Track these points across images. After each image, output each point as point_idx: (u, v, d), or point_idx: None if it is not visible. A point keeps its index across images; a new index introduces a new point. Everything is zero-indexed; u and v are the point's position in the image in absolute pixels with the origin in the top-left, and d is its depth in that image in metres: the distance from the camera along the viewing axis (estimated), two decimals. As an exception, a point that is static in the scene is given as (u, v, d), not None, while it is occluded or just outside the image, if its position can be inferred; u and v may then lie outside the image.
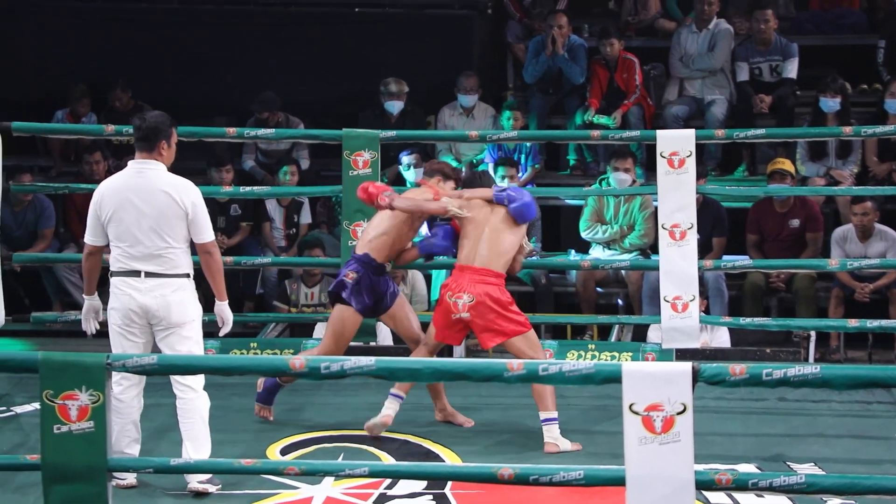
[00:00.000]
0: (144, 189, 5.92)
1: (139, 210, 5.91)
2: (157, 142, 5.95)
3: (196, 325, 6.00)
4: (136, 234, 5.92)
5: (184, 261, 5.98)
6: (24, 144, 9.99)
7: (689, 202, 7.55)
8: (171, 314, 5.93)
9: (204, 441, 5.96)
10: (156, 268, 5.93)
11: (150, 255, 5.93)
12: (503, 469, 4.99)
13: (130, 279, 5.95)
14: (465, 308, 6.73)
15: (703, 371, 4.81)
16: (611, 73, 10.20)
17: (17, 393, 7.26)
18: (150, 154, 5.96)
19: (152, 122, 5.98)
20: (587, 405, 7.20)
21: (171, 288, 5.94)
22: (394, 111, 10.01)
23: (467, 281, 6.75)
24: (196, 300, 6.04)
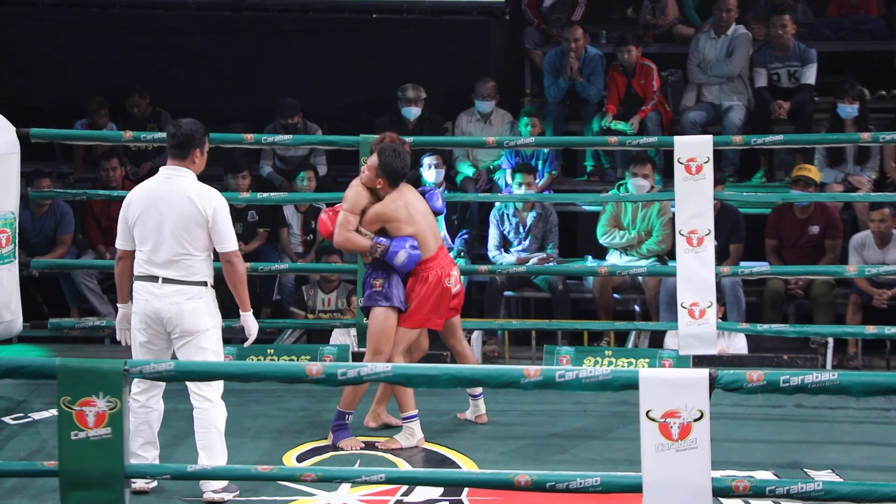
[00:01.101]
0: (170, 194, 5.95)
1: (162, 214, 5.94)
2: (191, 150, 6.00)
3: (212, 335, 5.98)
4: (157, 239, 5.94)
5: (202, 269, 5.97)
6: (44, 151, 10.03)
7: (707, 208, 7.53)
8: (185, 322, 5.93)
9: (219, 451, 5.95)
10: (173, 274, 5.93)
11: (170, 261, 5.93)
12: (520, 475, 4.98)
13: (149, 284, 5.97)
14: (457, 282, 6.88)
15: (721, 378, 4.80)
16: (628, 80, 10.19)
17: (34, 399, 7.27)
18: (183, 161, 6.00)
19: (187, 129, 6.00)
20: (604, 412, 7.19)
21: (186, 296, 5.94)
22: (411, 117, 10.02)
23: (446, 260, 6.84)
24: (213, 310, 6.02)
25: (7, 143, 7.25)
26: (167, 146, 6.04)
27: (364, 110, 10.43)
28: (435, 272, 6.77)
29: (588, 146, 10.16)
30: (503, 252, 9.47)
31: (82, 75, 10.73)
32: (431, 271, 6.76)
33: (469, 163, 10.17)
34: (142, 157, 10.46)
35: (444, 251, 6.88)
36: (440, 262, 6.80)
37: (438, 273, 6.77)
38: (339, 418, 6.72)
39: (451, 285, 6.82)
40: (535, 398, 7.19)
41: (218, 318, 6.05)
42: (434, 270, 6.77)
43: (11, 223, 7.26)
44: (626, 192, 9.12)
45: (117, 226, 6.09)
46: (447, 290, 6.80)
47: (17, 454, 6.54)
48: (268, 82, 10.63)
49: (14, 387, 7.36)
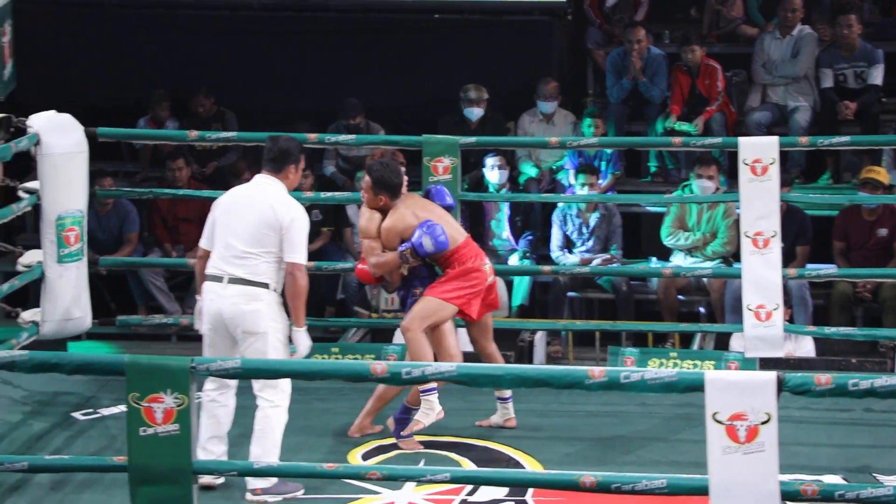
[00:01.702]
0: (253, 199, 6.06)
1: (241, 216, 6.03)
2: (286, 165, 6.11)
3: (272, 338, 5.98)
4: (230, 239, 6.02)
5: (268, 272, 6.00)
6: (111, 150, 10.13)
7: (773, 210, 7.48)
8: (245, 323, 5.96)
9: (270, 453, 5.95)
10: (239, 273, 5.98)
11: (237, 259, 5.99)
12: (585, 476, 4.97)
13: (216, 284, 6.03)
14: (493, 272, 6.82)
15: (788, 380, 4.77)
16: (692, 80, 10.14)
17: (103, 395, 7.35)
18: (277, 175, 6.11)
19: (283, 144, 6.12)
20: (669, 414, 7.15)
21: (247, 297, 5.97)
22: (473, 118, 10.02)
23: (477, 249, 6.79)
24: (275, 312, 6.02)
25: (75, 142, 7.33)
26: (263, 159, 6.14)
27: (426, 111, 10.45)
28: (467, 257, 6.69)
29: (652, 147, 10.12)
30: (566, 253, 9.45)
31: (147, 75, 10.81)
32: (467, 256, 6.68)
33: (532, 163, 10.16)
34: (207, 157, 10.53)
35: (473, 242, 6.79)
36: (472, 249, 6.72)
37: (472, 256, 6.69)
38: (404, 412, 6.72)
39: (486, 271, 6.72)
40: (599, 399, 7.17)
41: (281, 321, 6.06)
42: (466, 255, 6.68)
43: (80, 221, 7.34)
44: (691, 193, 9.07)
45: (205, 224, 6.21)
46: (482, 273, 6.70)
47: (86, 449, 6.61)
48: (330, 82, 10.67)
49: (84, 383, 7.43)
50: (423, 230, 6.58)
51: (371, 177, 6.64)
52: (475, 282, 6.70)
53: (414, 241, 6.58)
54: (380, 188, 6.62)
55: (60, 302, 7.32)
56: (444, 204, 6.87)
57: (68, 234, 7.30)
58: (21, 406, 7.23)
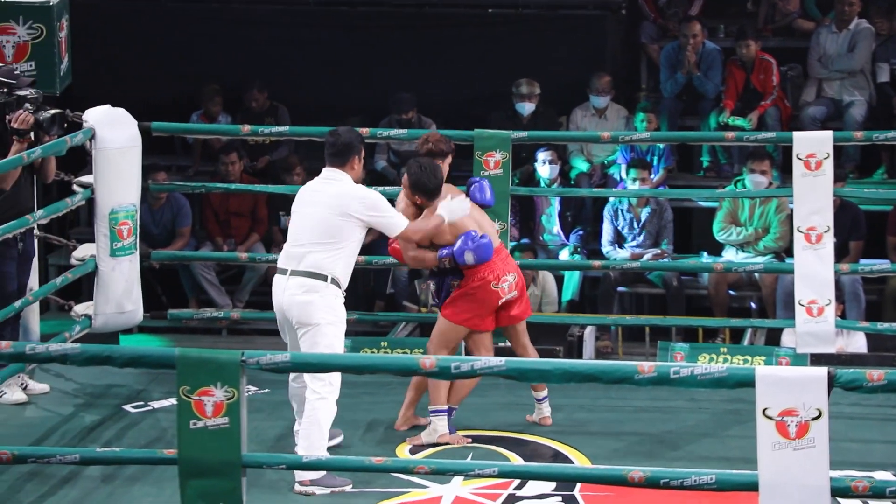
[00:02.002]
0: (321, 192, 6.14)
1: (308, 210, 6.12)
2: (350, 157, 6.18)
3: (325, 331, 6.02)
4: (298, 233, 6.12)
5: (329, 265, 6.04)
6: (163, 144, 10.20)
7: (826, 205, 7.41)
8: (299, 314, 6.03)
9: (316, 445, 5.98)
10: (299, 266, 6.06)
11: (301, 253, 6.06)
12: (633, 472, 4.95)
13: (281, 277, 6.12)
14: (512, 288, 6.61)
15: (840, 376, 4.73)
16: (747, 75, 10.07)
17: (154, 388, 7.40)
18: (343, 168, 6.18)
19: (345, 138, 6.19)
20: (719, 409, 7.11)
21: (303, 288, 6.03)
22: (524, 112, 10.01)
23: (500, 264, 6.59)
24: (331, 305, 6.04)
25: (130, 136, 7.39)
26: (326, 154, 6.20)
27: (479, 105, 10.44)
28: (481, 274, 6.54)
29: (705, 141, 10.06)
30: (617, 247, 9.42)
31: (200, 70, 10.88)
32: (479, 272, 6.54)
33: (583, 158, 10.13)
34: (260, 152, 10.59)
35: (503, 253, 6.65)
36: (491, 265, 6.54)
37: (484, 275, 6.53)
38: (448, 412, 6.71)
39: (498, 289, 6.55)
40: (648, 394, 7.14)
41: (338, 315, 6.08)
42: (480, 273, 6.54)
43: (133, 215, 7.40)
44: (743, 188, 9.02)
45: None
46: (493, 293, 6.55)
47: (137, 442, 6.66)
48: (383, 77, 10.69)
49: (135, 376, 7.49)
50: (469, 244, 6.50)
51: (408, 178, 6.58)
52: (484, 300, 6.57)
53: (456, 253, 6.51)
54: (415, 190, 6.56)
55: (113, 295, 7.39)
56: (483, 202, 6.78)
57: (121, 228, 7.36)
58: (73, 399, 7.29)
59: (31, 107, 6.72)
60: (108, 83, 10.39)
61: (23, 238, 7.00)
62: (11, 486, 6.07)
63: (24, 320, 7.27)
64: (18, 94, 6.77)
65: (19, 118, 6.71)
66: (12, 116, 6.70)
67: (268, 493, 5.96)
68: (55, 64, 7.26)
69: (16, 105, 6.74)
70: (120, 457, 5.66)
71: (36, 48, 7.23)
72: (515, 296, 6.64)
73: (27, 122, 6.72)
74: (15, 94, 6.78)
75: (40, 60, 7.23)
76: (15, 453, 5.25)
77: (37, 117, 6.76)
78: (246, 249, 9.85)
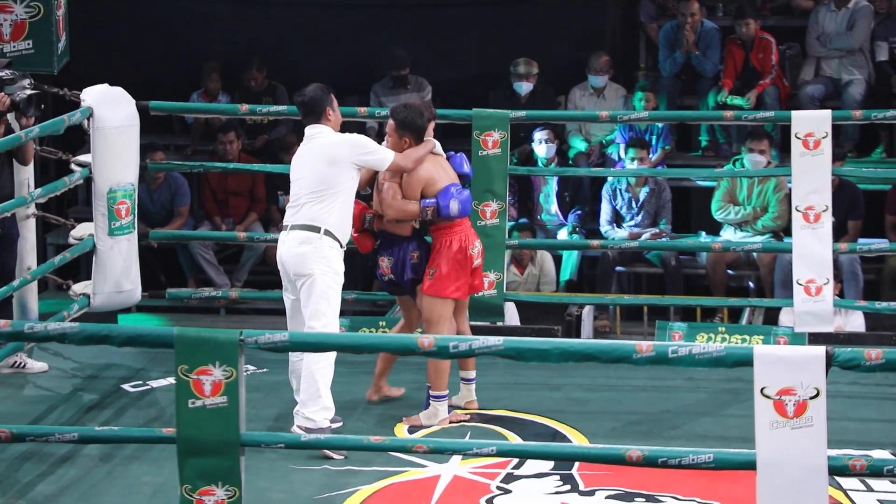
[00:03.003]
0: (308, 148, 6.32)
1: (299, 166, 6.31)
2: (321, 110, 6.33)
3: (318, 281, 6.16)
4: (295, 191, 6.31)
5: (321, 216, 6.20)
6: (162, 123, 10.19)
7: (825, 184, 7.41)
8: (295, 266, 6.21)
9: (314, 398, 6.12)
10: (296, 220, 6.24)
11: (298, 207, 6.25)
12: (631, 451, 4.96)
13: (283, 233, 6.31)
14: (480, 255, 6.65)
15: (838, 355, 4.73)
16: (746, 53, 10.06)
17: (152, 367, 7.41)
18: (319, 122, 6.34)
19: (310, 94, 6.36)
20: (717, 388, 7.12)
21: (298, 240, 6.22)
22: (522, 91, 10.00)
23: (470, 230, 6.63)
24: (325, 258, 6.17)
25: (127, 115, 7.38)
26: (301, 116, 6.40)
27: (477, 85, 10.43)
28: (459, 238, 6.56)
29: (703, 121, 10.05)
30: (615, 227, 9.42)
31: (198, 49, 10.86)
32: (455, 237, 6.56)
33: (581, 137, 10.12)
34: (258, 131, 10.57)
35: (468, 221, 6.64)
36: (464, 230, 6.58)
37: (462, 240, 6.56)
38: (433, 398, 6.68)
39: (474, 254, 6.58)
40: (646, 374, 7.15)
41: (332, 265, 6.20)
42: (458, 236, 6.56)
43: (131, 195, 7.39)
44: (742, 167, 9.01)
45: None
46: (470, 258, 6.57)
47: (136, 421, 6.67)
48: (381, 56, 10.66)
49: (133, 355, 7.50)
50: (455, 194, 6.52)
51: (395, 119, 6.54)
52: (464, 266, 6.57)
53: (441, 201, 6.52)
54: (404, 129, 6.50)
55: (111, 274, 7.39)
56: (460, 172, 6.72)
57: (119, 207, 7.35)
58: (71, 378, 7.30)
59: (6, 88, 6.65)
60: (107, 62, 10.37)
61: (1, 224, 6.94)
62: (10, 464, 6.08)
63: (22, 299, 7.27)
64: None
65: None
66: None
67: (266, 472, 5.97)
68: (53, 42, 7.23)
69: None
70: (119, 435, 5.67)
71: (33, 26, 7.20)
72: (479, 263, 6.67)
73: (3, 103, 6.67)
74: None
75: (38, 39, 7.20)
76: (13, 432, 5.25)
77: (13, 98, 6.70)
78: (244, 229, 9.85)
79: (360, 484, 5.93)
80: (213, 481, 5.01)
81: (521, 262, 9.30)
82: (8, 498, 5.78)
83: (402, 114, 6.54)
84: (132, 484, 5.93)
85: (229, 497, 5.01)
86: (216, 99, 10.52)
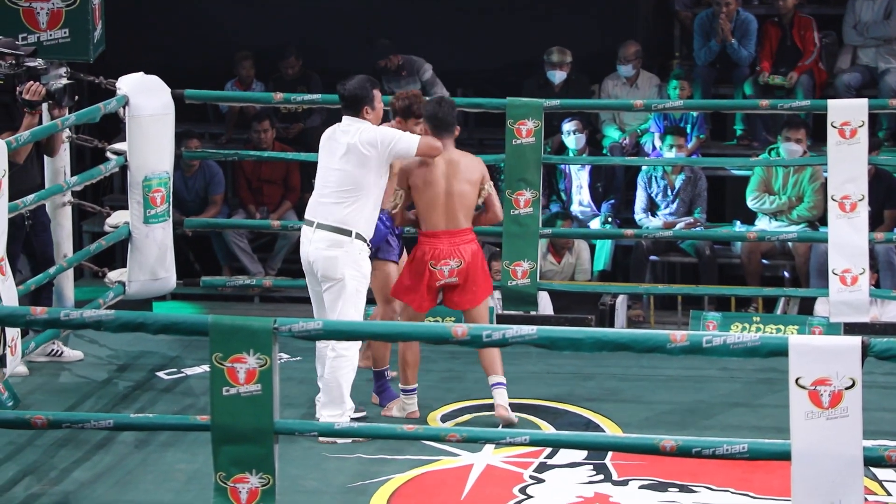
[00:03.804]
0: (341, 140, 6.21)
1: (330, 158, 6.21)
2: (360, 106, 6.25)
3: (349, 285, 6.13)
4: (323, 185, 6.24)
5: (354, 218, 6.15)
6: (197, 112, 10.21)
7: (861, 173, 7.37)
8: (324, 268, 6.17)
9: (336, 402, 6.14)
10: (324, 219, 6.17)
11: (326, 204, 6.17)
12: (665, 440, 4.95)
13: (308, 228, 6.24)
14: (452, 273, 6.42)
15: (874, 346, 4.71)
16: (784, 32, 10.01)
17: (187, 355, 7.44)
18: (357, 116, 6.26)
19: (352, 88, 6.27)
20: (751, 378, 7.10)
21: (328, 242, 6.16)
22: (556, 80, 9.97)
23: (446, 247, 6.40)
24: (355, 262, 6.14)
25: (163, 104, 7.40)
26: (341, 106, 6.30)
27: (511, 73, 10.41)
28: (422, 249, 6.42)
29: (738, 110, 10.00)
30: (650, 215, 9.38)
31: (234, 37, 10.88)
32: (419, 248, 6.44)
33: (615, 126, 10.09)
34: (292, 119, 10.59)
35: (455, 238, 6.39)
36: (435, 244, 6.39)
37: (425, 251, 6.40)
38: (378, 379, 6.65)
39: (437, 270, 6.39)
40: (680, 363, 7.13)
41: (361, 270, 6.19)
42: (423, 248, 6.42)
43: (166, 183, 7.42)
44: (777, 156, 8.97)
45: None
46: (432, 274, 6.39)
47: (170, 408, 6.71)
48: (416, 45, 10.66)
49: (168, 343, 7.53)
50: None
51: (424, 110, 6.40)
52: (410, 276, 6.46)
53: None
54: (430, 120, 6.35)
55: (146, 262, 7.42)
56: None
57: (154, 196, 7.38)
58: (107, 365, 7.34)
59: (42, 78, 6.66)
60: (142, 50, 10.40)
61: (31, 215, 6.96)
62: (46, 451, 6.12)
63: (58, 286, 7.31)
64: (28, 65, 6.72)
65: (31, 89, 6.59)
66: (23, 87, 6.63)
67: (300, 460, 5.99)
68: (89, 31, 7.26)
69: (25, 76, 6.68)
70: (153, 423, 5.70)
71: (70, 15, 7.23)
72: (455, 282, 6.43)
73: (39, 93, 6.63)
74: (24, 65, 6.72)
75: (74, 27, 7.23)
76: (50, 418, 5.29)
77: (48, 88, 6.70)
78: (278, 217, 9.87)
79: (393, 472, 5.94)
80: (247, 469, 5.03)
81: (559, 250, 9.30)
82: (44, 484, 5.83)
83: (431, 108, 6.44)
84: (166, 471, 5.96)
85: (263, 485, 5.03)
86: (250, 87, 10.54)
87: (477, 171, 6.48)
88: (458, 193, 6.43)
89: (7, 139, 6.25)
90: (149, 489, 5.81)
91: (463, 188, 6.43)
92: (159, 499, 5.73)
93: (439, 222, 6.42)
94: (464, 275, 6.45)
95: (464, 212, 6.45)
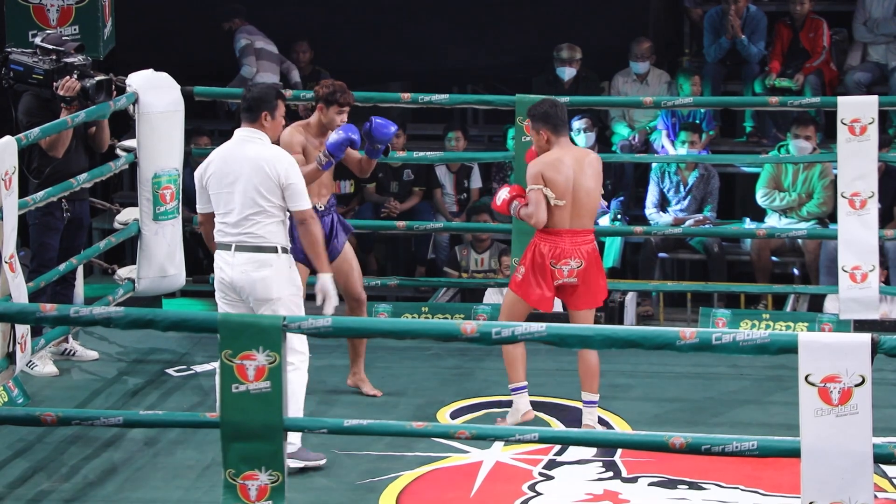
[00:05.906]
0: (242, 157, 5.83)
1: (234, 176, 5.81)
2: (259, 113, 5.87)
3: (286, 303, 5.81)
4: (229, 201, 5.83)
5: (274, 233, 5.82)
6: (207, 109, 10.22)
7: (871, 170, 7.36)
8: (256, 291, 5.81)
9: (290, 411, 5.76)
10: (244, 239, 5.81)
11: (239, 223, 5.80)
12: (674, 438, 4.95)
13: (224, 253, 5.86)
14: (571, 273, 6.32)
15: (883, 343, 4.70)
16: (795, 33, 9.99)
17: (196, 352, 7.45)
18: (253, 124, 5.88)
19: (256, 93, 5.93)
20: (761, 375, 7.10)
21: (256, 264, 5.81)
22: (565, 77, 9.96)
23: (569, 245, 6.30)
24: (287, 277, 5.85)
25: (172, 101, 7.42)
26: (240, 109, 5.96)
27: (521, 70, 10.40)
28: (545, 246, 6.30)
29: (748, 106, 9.98)
30: (661, 211, 9.37)
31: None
32: (539, 246, 6.30)
33: (625, 123, 10.08)
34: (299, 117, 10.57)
35: (577, 237, 6.30)
36: (557, 242, 6.28)
37: (548, 249, 6.28)
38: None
39: (557, 268, 6.28)
40: (690, 360, 7.13)
41: (295, 283, 5.91)
42: (545, 245, 6.29)
43: (176, 180, 7.43)
44: (787, 153, 8.95)
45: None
46: (551, 272, 6.29)
47: (180, 405, 6.72)
48: (425, 42, 10.66)
49: (177, 340, 7.55)
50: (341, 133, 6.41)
51: (540, 118, 6.24)
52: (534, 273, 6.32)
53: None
54: (542, 124, 6.22)
55: (156, 259, 7.43)
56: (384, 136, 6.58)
57: (164, 192, 7.39)
58: (116, 362, 7.36)
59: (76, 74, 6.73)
60: (152, 47, 10.41)
61: (70, 207, 7.03)
62: (56, 447, 6.14)
63: (68, 284, 7.33)
64: (66, 61, 6.80)
65: (65, 85, 6.74)
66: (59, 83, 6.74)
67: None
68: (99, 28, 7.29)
69: (64, 72, 6.77)
70: (163, 420, 5.69)
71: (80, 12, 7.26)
72: (575, 283, 6.34)
73: (73, 88, 6.76)
74: (63, 61, 6.80)
75: (84, 24, 7.26)
76: (59, 415, 5.30)
77: (83, 84, 6.78)
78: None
79: (403, 469, 5.94)
80: (257, 466, 5.04)
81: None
82: (54, 481, 5.84)
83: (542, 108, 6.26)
84: (176, 468, 5.97)
85: (272, 482, 5.04)
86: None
87: (599, 169, 6.38)
88: (585, 191, 6.31)
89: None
90: (158, 486, 5.83)
91: (589, 185, 6.31)
92: (169, 496, 5.75)
93: (564, 220, 6.28)
94: (583, 275, 6.33)
95: (589, 211, 6.33)
